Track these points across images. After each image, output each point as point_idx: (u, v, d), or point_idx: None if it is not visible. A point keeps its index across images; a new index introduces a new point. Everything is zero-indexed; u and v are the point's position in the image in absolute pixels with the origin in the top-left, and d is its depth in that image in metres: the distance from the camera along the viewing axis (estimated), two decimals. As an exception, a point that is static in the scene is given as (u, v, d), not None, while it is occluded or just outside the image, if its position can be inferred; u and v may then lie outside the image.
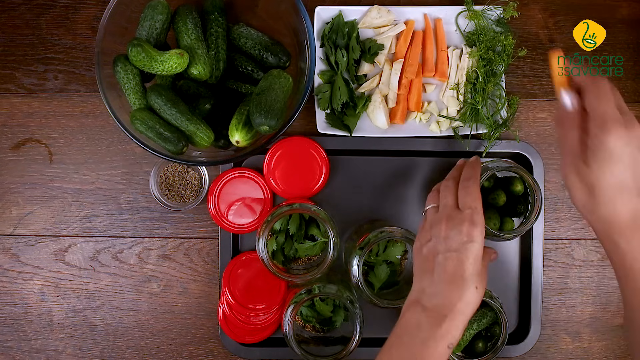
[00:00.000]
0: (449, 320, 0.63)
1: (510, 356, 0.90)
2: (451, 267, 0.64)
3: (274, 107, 0.78)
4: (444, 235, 0.66)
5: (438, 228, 0.67)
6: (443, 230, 0.66)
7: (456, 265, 0.64)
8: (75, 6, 0.92)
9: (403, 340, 0.64)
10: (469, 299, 0.64)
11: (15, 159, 0.92)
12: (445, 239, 0.66)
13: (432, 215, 0.70)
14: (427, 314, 0.64)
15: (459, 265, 0.64)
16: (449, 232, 0.66)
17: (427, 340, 0.62)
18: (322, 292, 0.81)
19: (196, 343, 0.92)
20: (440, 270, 0.65)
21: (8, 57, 0.92)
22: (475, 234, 0.65)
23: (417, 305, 0.65)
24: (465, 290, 0.64)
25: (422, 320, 0.63)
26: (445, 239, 0.66)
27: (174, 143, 0.78)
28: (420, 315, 0.64)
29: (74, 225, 0.91)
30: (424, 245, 0.68)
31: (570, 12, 0.94)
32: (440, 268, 0.65)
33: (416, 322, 0.64)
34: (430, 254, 0.67)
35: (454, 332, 0.63)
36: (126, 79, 0.80)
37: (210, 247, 0.91)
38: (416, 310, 0.65)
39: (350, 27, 0.88)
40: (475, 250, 0.65)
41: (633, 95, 0.94)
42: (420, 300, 0.65)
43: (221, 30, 0.84)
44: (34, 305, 0.91)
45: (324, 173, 0.88)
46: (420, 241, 0.69)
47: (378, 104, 0.88)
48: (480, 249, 0.65)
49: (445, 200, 0.69)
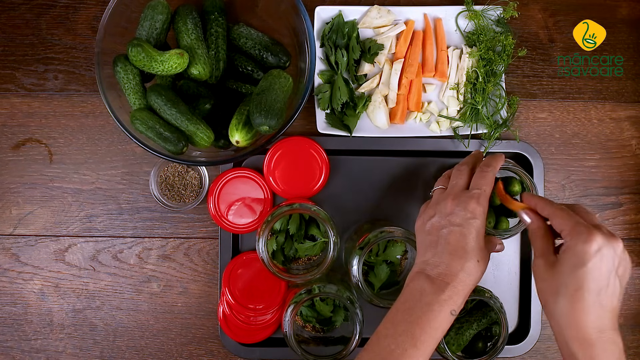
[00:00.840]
0: (452, 287, 0.65)
1: (510, 356, 0.90)
2: (454, 240, 0.66)
3: (274, 107, 0.78)
4: (449, 211, 0.68)
5: (444, 204, 0.69)
6: (449, 206, 0.68)
7: (459, 238, 0.66)
8: (75, 6, 0.92)
9: (407, 305, 0.66)
10: (471, 270, 0.66)
11: (15, 159, 0.92)
12: (450, 214, 0.68)
13: (438, 194, 0.72)
14: (431, 280, 0.66)
15: (461, 238, 0.66)
16: (454, 208, 0.68)
17: (432, 304, 0.64)
18: (322, 292, 0.81)
19: (196, 343, 0.92)
20: (443, 243, 0.67)
21: (8, 57, 0.92)
22: (479, 212, 0.67)
23: (421, 275, 0.67)
24: (467, 261, 0.66)
25: (426, 287, 0.65)
26: (449, 215, 0.68)
27: (174, 143, 0.78)
28: (424, 283, 0.66)
29: (74, 225, 0.91)
30: (427, 221, 0.70)
31: (570, 12, 0.94)
32: (443, 240, 0.67)
33: (420, 289, 0.66)
34: (434, 228, 0.69)
35: (456, 298, 0.65)
36: (126, 79, 0.80)
37: (210, 247, 0.91)
38: (420, 279, 0.67)
39: (350, 27, 0.88)
40: (477, 225, 0.66)
41: (633, 95, 0.94)
42: (424, 270, 0.67)
43: (221, 30, 0.84)
44: (34, 305, 0.91)
45: (324, 173, 0.88)
46: (423, 218, 0.71)
47: (378, 104, 0.88)
48: (482, 226, 0.67)
49: (456, 181, 0.71)
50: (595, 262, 0.58)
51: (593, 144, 0.93)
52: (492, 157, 0.72)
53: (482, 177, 0.69)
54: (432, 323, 0.64)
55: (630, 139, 0.94)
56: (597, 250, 0.58)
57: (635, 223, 0.93)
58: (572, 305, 0.58)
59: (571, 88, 0.94)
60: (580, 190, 0.93)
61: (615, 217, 0.93)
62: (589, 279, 0.58)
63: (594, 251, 0.58)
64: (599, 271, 0.58)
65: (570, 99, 0.94)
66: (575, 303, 0.58)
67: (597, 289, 0.58)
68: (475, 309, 0.86)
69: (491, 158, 0.72)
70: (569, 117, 0.93)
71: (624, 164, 0.93)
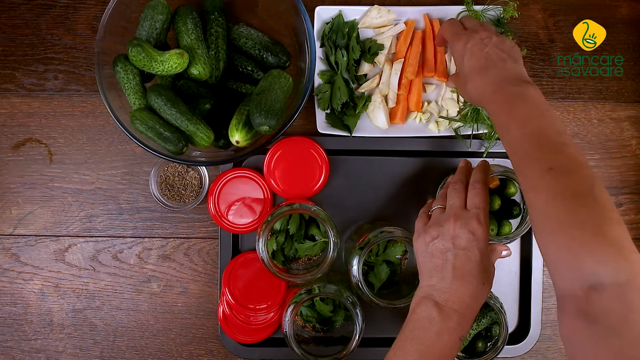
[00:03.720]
0: (460, 314, 0.66)
1: (510, 356, 0.90)
2: (460, 264, 0.67)
3: (274, 107, 0.78)
4: (453, 233, 0.68)
5: (447, 226, 0.69)
6: (452, 228, 0.68)
7: (464, 263, 0.67)
8: (75, 6, 0.92)
9: (416, 333, 0.67)
10: (477, 295, 0.67)
11: (15, 159, 0.92)
12: (454, 237, 0.68)
13: (438, 214, 0.72)
14: (439, 308, 0.66)
15: (467, 262, 0.67)
16: (457, 230, 0.68)
17: (441, 333, 0.65)
18: (322, 292, 0.81)
19: (196, 343, 0.92)
20: (449, 268, 0.67)
21: (8, 57, 0.92)
22: (481, 232, 0.68)
23: (428, 301, 0.68)
24: (473, 286, 0.67)
25: (435, 315, 0.66)
26: (453, 238, 0.68)
27: (174, 143, 0.78)
28: (432, 310, 0.67)
29: (74, 225, 0.91)
30: (430, 242, 0.70)
31: (570, 12, 0.94)
32: (449, 265, 0.68)
33: (428, 316, 0.67)
34: (438, 251, 0.69)
35: (464, 325, 0.66)
36: (126, 79, 0.80)
37: (210, 247, 0.91)
38: (427, 305, 0.67)
39: (350, 27, 0.88)
40: (481, 247, 0.68)
41: (633, 95, 0.94)
42: (431, 296, 0.68)
43: (221, 30, 0.84)
44: (34, 305, 0.91)
45: (324, 173, 0.88)
46: (425, 238, 0.71)
47: (378, 104, 0.88)
48: (485, 246, 0.68)
49: (453, 201, 0.71)
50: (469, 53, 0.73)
51: (593, 144, 0.93)
52: (478, 169, 0.74)
53: (476, 195, 0.70)
54: (442, 351, 0.65)
55: (630, 139, 0.94)
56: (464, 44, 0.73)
57: (635, 223, 0.93)
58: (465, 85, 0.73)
59: (571, 88, 0.94)
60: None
61: (615, 217, 0.93)
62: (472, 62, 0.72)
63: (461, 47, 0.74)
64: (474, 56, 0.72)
65: (570, 99, 0.94)
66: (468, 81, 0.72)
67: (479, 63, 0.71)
68: (475, 309, 0.86)
69: (478, 171, 0.73)
70: (569, 117, 0.93)
71: (624, 164, 0.93)
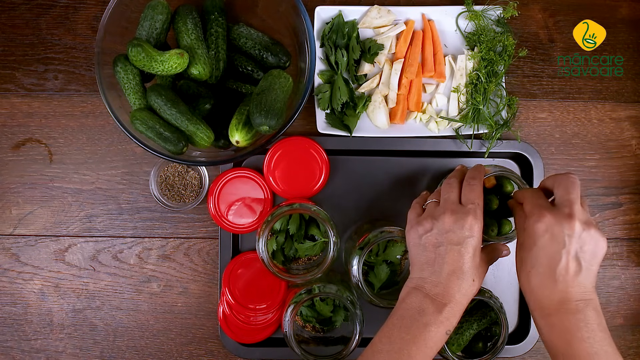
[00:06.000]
0: (449, 308, 0.67)
1: (510, 356, 0.90)
2: (451, 259, 0.67)
3: (274, 107, 0.78)
4: (447, 228, 0.68)
5: (441, 220, 0.69)
6: (447, 223, 0.69)
7: (457, 258, 0.67)
8: (75, 6, 0.92)
9: (404, 322, 0.67)
10: (467, 290, 0.68)
11: (15, 159, 0.92)
12: (448, 232, 0.68)
13: (432, 208, 0.72)
14: (429, 300, 0.67)
15: (459, 258, 0.67)
16: (452, 225, 0.68)
17: (429, 325, 0.66)
18: (322, 292, 0.81)
19: (196, 343, 0.92)
20: (441, 262, 0.68)
21: (8, 57, 0.92)
22: (476, 229, 0.68)
23: (418, 292, 0.68)
24: (464, 282, 0.67)
25: (424, 307, 0.67)
26: (447, 232, 0.68)
27: (174, 143, 0.78)
28: (422, 302, 0.67)
29: (74, 225, 0.91)
30: (424, 235, 0.70)
31: (570, 12, 0.94)
32: (441, 259, 0.68)
33: (417, 307, 0.67)
34: (431, 244, 0.69)
35: (452, 319, 0.67)
36: (126, 79, 0.80)
37: (210, 247, 0.91)
38: (418, 297, 0.68)
39: (350, 27, 0.88)
40: (474, 244, 0.68)
41: (633, 96, 0.94)
42: (422, 288, 0.68)
43: (221, 30, 0.84)
44: (34, 305, 0.91)
45: (324, 173, 0.88)
46: (418, 230, 0.71)
47: (378, 104, 0.88)
48: (478, 243, 0.68)
49: (448, 195, 0.72)
50: (544, 240, 0.63)
51: (593, 144, 0.93)
52: (474, 169, 0.74)
53: (471, 191, 0.70)
54: (428, 342, 0.66)
55: (630, 139, 0.94)
56: (545, 230, 0.63)
57: (635, 223, 0.93)
58: (529, 280, 0.65)
59: (571, 88, 0.94)
60: (581, 190, 0.93)
61: (615, 217, 0.93)
62: (541, 256, 0.63)
63: (542, 231, 0.63)
64: (549, 249, 0.63)
65: (570, 99, 0.94)
66: (531, 278, 0.64)
67: (549, 266, 0.63)
68: (475, 309, 0.86)
69: (473, 170, 0.74)
70: (569, 117, 0.93)
71: (624, 164, 0.93)
